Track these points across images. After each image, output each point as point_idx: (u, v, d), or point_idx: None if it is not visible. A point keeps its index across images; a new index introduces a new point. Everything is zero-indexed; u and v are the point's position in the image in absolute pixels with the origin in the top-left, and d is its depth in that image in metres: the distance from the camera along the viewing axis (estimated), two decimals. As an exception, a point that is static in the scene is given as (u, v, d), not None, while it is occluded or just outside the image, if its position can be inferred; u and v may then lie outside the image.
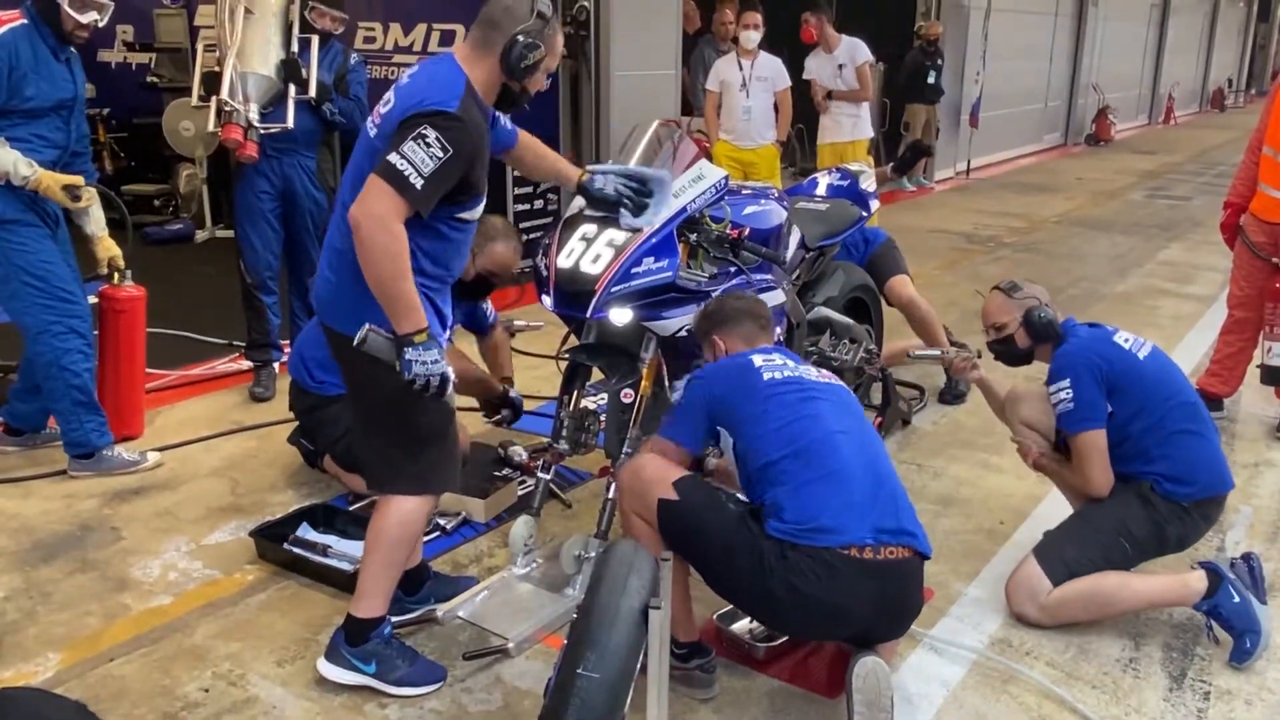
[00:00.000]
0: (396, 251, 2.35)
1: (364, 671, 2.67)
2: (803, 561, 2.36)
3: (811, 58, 7.69)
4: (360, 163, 2.55)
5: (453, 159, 2.38)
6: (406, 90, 2.51)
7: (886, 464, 2.59)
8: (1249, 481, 4.08)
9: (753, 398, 2.60)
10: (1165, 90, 20.52)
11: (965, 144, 12.48)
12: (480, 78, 2.54)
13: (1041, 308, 3.21)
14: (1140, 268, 7.88)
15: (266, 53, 4.53)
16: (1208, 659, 2.92)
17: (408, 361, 2.38)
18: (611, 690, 1.87)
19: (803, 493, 2.43)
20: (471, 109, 2.47)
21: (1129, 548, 3.00)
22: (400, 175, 2.33)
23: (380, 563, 2.67)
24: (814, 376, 2.69)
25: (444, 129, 2.37)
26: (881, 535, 2.41)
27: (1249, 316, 4.54)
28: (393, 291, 2.37)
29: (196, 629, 2.97)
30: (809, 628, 2.61)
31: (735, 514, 2.49)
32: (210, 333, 5.54)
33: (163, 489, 3.86)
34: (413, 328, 2.39)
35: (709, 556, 2.51)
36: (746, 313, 2.92)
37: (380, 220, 2.33)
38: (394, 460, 2.65)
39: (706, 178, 3.16)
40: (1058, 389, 3.04)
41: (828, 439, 2.52)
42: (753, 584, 2.42)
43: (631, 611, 1.95)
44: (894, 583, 2.43)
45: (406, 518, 2.65)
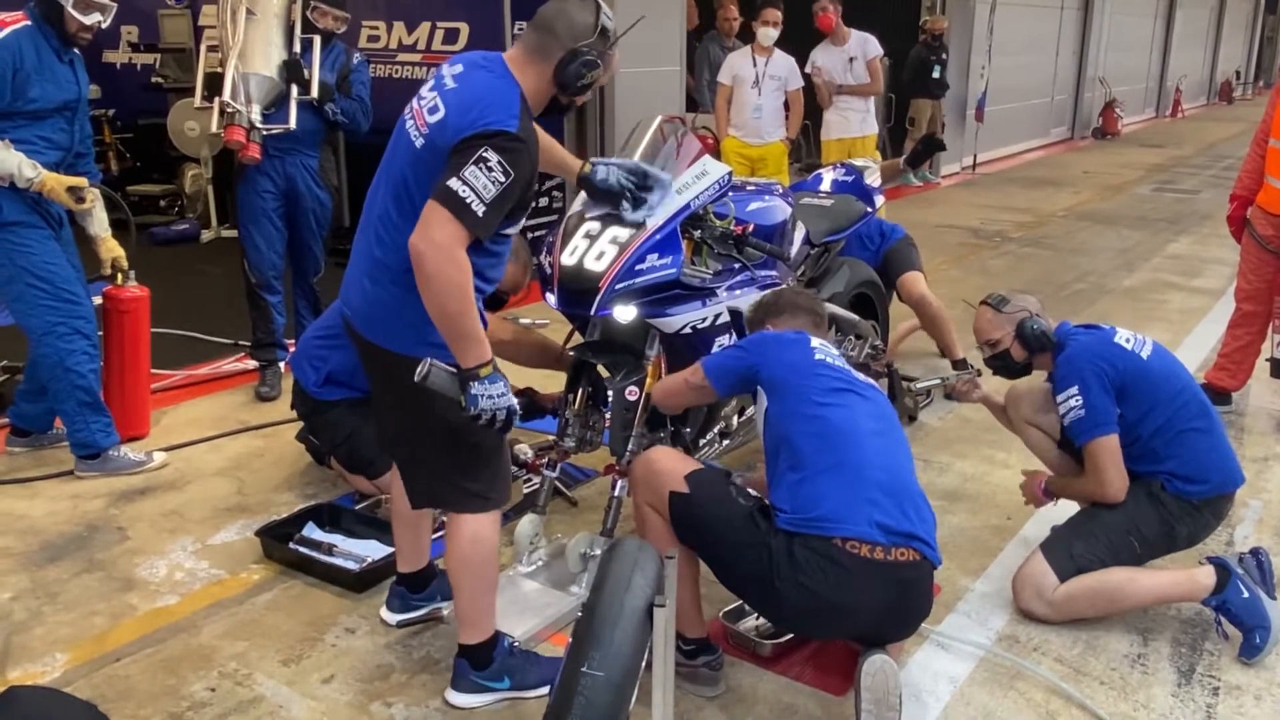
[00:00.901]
0: (462, 283, 2.23)
1: (499, 689, 2.63)
2: (810, 559, 2.35)
3: (819, 50, 7.57)
4: (402, 170, 2.42)
5: (515, 182, 2.27)
6: (460, 101, 2.34)
7: (909, 472, 2.57)
8: (1258, 476, 4.06)
9: (799, 370, 2.62)
10: (1173, 83, 20.44)
11: (971, 139, 12.43)
12: (531, 85, 2.41)
13: (1033, 319, 3.18)
14: (1147, 262, 7.84)
15: (268, 53, 4.53)
16: (1217, 654, 2.90)
17: (474, 396, 2.27)
18: (616, 688, 1.86)
19: (812, 482, 2.43)
20: (528, 124, 2.35)
21: (1138, 546, 2.98)
22: (462, 202, 2.21)
23: (472, 590, 2.58)
24: (860, 375, 2.71)
25: (505, 151, 2.25)
26: (892, 536, 2.39)
27: (1257, 310, 4.51)
28: (459, 327, 2.26)
29: (203, 629, 2.97)
30: (816, 626, 2.60)
31: (745, 509, 2.48)
32: (216, 332, 5.55)
33: (169, 489, 3.87)
34: (477, 361, 2.27)
35: (718, 551, 2.50)
36: (804, 308, 2.94)
37: (446, 251, 2.21)
38: (448, 478, 2.54)
39: (710, 174, 3.14)
40: (1066, 397, 3.00)
41: (854, 432, 2.51)
42: (760, 581, 2.41)
43: (636, 609, 1.94)
44: (902, 585, 2.42)
45: (479, 536, 2.54)
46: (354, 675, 2.76)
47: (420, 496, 2.68)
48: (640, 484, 2.62)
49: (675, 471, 2.55)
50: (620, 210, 2.98)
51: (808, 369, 2.60)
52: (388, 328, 2.47)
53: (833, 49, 7.51)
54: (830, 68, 7.50)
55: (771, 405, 2.59)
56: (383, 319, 2.48)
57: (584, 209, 3.11)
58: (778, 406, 2.58)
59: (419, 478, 2.65)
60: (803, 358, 2.63)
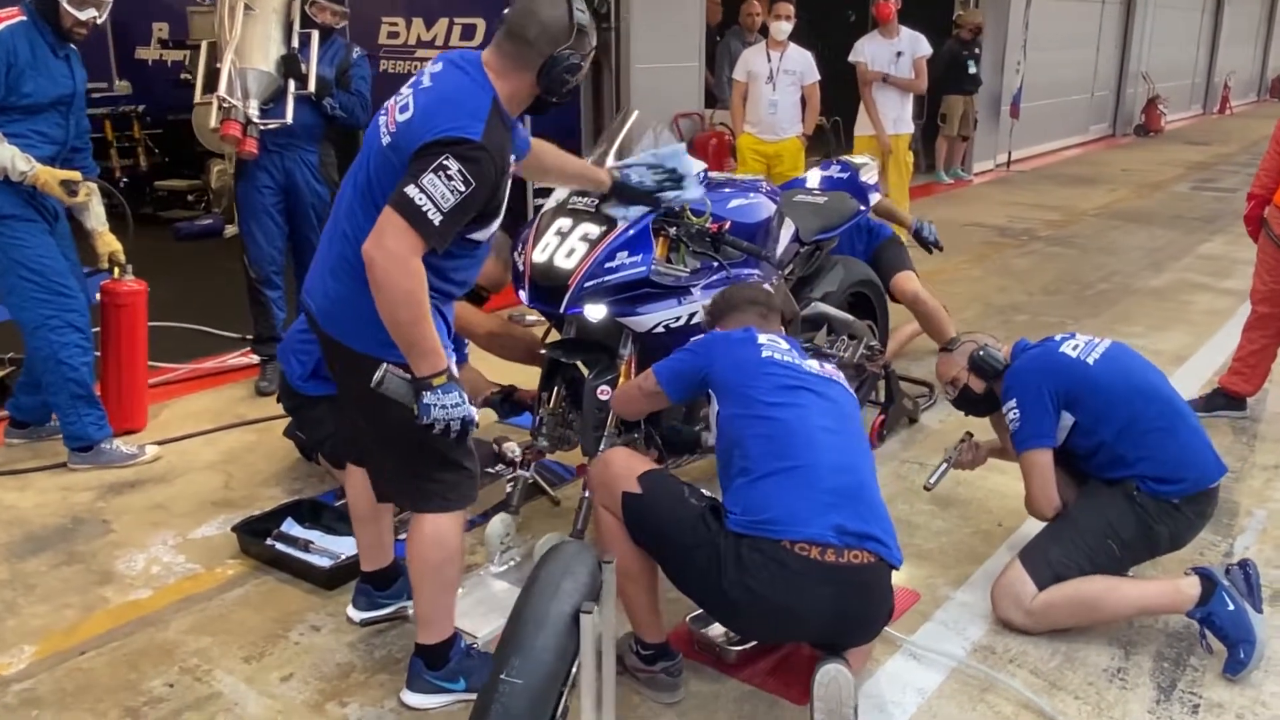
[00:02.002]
0: (416, 293, 2.21)
1: (454, 690, 2.60)
2: (757, 561, 2.30)
3: (866, 40, 7.39)
4: (369, 166, 2.40)
5: (475, 192, 2.23)
6: (429, 102, 2.31)
7: (866, 471, 2.50)
8: (1267, 484, 3.93)
9: (745, 369, 2.56)
10: (1220, 79, 19.95)
11: (1006, 135, 12.22)
12: (511, 91, 2.37)
13: (982, 349, 3.19)
14: (1177, 261, 7.65)
15: (267, 49, 4.54)
16: (1201, 670, 2.80)
17: (426, 405, 2.25)
18: (534, 696, 1.82)
19: (762, 483, 2.38)
20: (496, 130, 2.29)
21: (1116, 549, 2.90)
22: (419, 210, 2.18)
23: (431, 590, 2.54)
24: (815, 370, 2.62)
25: (467, 160, 2.21)
26: (845, 537, 2.33)
27: (1273, 312, 4.37)
28: (411, 335, 2.23)
29: (170, 623, 2.98)
30: (765, 630, 2.55)
31: (696, 510, 2.43)
32: (231, 327, 5.58)
33: (158, 482, 3.89)
34: (431, 370, 2.25)
35: (669, 553, 2.46)
36: (749, 301, 2.87)
37: (399, 260, 2.18)
38: (412, 478, 2.51)
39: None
40: (1007, 409, 3.02)
41: (805, 431, 2.45)
42: (709, 583, 2.37)
43: (562, 615, 1.90)
44: (853, 588, 2.35)
45: (441, 537, 2.51)
46: (313, 673, 2.75)
47: (384, 493, 2.67)
48: (596, 484, 2.58)
49: (630, 472, 2.50)
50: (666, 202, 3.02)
51: (754, 368, 2.54)
52: (348, 325, 2.45)
53: (881, 40, 7.33)
54: (876, 59, 7.31)
55: (721, 408, 2.54)
56: (343, 316, 2.46)
57: (559, 204, 3.08)
58: (727, 409, 2.53)
59: (382, 475, 2.64)
60: (749, 357, 2.57)
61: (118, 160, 9.11)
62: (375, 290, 2.22)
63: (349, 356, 2.46)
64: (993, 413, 3.29)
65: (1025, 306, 6.39)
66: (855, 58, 7.32)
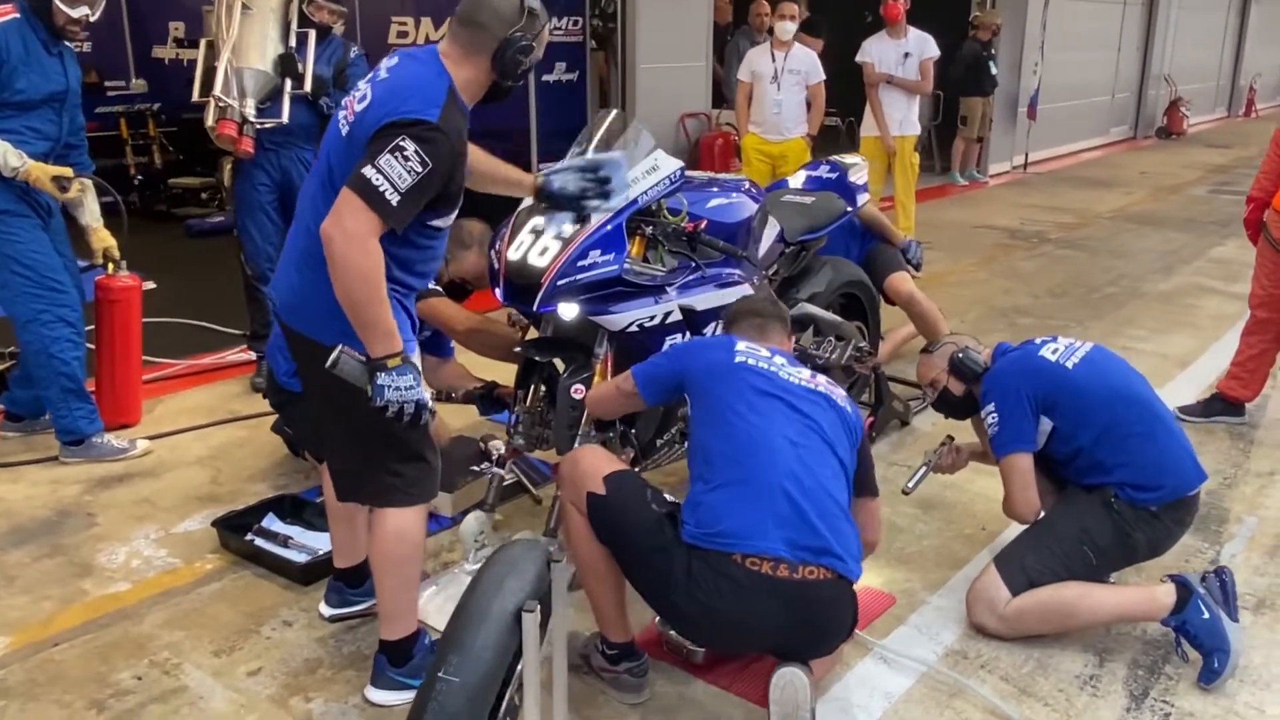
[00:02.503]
0: (371, 273, 2.22)
1: (418, 686, 2.62)
2: (707, 574, 2.28)
3: (874, 40, 7.34)
4: (329, 158, 2.44)
5: (432, 173, 2.25)
6: (385, 91, 2.35)
7: (831, 485, 2.43)
8: (1260, 491, 3.87)
9: (715, 375, 2.55)
10: (1246, 81, 19.71)
11: (1023, 137, 12.12)
12: (467, 78, 2.41)
13: (962, 351, 3.15)
14: (1188, 265, 7.56)
15: (264, 48, 4.55)
16: (1176, 679, 2.76)
17: (380, 387, 2.25)
18: (471, 694, 1.82)
19: (718, 492, 2.36)
20: (453, 115, 2.32)
21: (1093, 556, 2.86)
22: (376, 190, 2.20)
23: (394, 585, 2.54)
24: (794, 379, 2.56)
25: (424, 141, 2.23)
26: (799, 552, 2.29)
27: (1271, 317, 4.31)
28: (367, 315, 2.25)
29: (145, 617, 3.00)
30: (716, 640, 2.54)
31: (656, 516, 2.41)
32: (235, 324, 5.61)
33: (146, 476, 3.92)
34: (386, 352, 2.26)
35: (628, 557, 2.44)
36: (750, 312, 2.86)
37: (356, 239, 2.20)
38: (371, 472, 2.51)
39: (660, 169, 3.08)
40: (986, 413, 2.99)
41: (766, 442, 2.41)
42: (662, 590, 2.36)
43: (504, 614, 1.89)
44: (806, 604, 2.32)
45: (403, 531, 2.51)
46: (281, 668, 2.76)
47: (345, 489, 2.67)
48: (564, 482, 2.57)
49: (596, 472, 2.49)
50: (588, 210, 2.94)
51: (724, 374, 2.51)
52: (309, 315, 2.48)
53: (888, 40, 7.29)
54: (882, 59, 7.28)
55: (693, 412, 2.53)
56: (304, 307, 2.49)
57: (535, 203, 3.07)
58: (696, 413, 2.51)
59: (343, 470, 2.65)
60: (722, 362, 2.54)
61: (132, 158, 9.22)
62: (332, 269, 2.24)
63: (310, 348, 2.47)
64: (972, 415, 3.26)
65: (1030, 309, 6.33)
66: (862, 58, 7.27)
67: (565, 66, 7.38)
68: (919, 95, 7.43)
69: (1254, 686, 2.73)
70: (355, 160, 2.29)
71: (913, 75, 7.23)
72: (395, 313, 2.38)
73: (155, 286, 6.42)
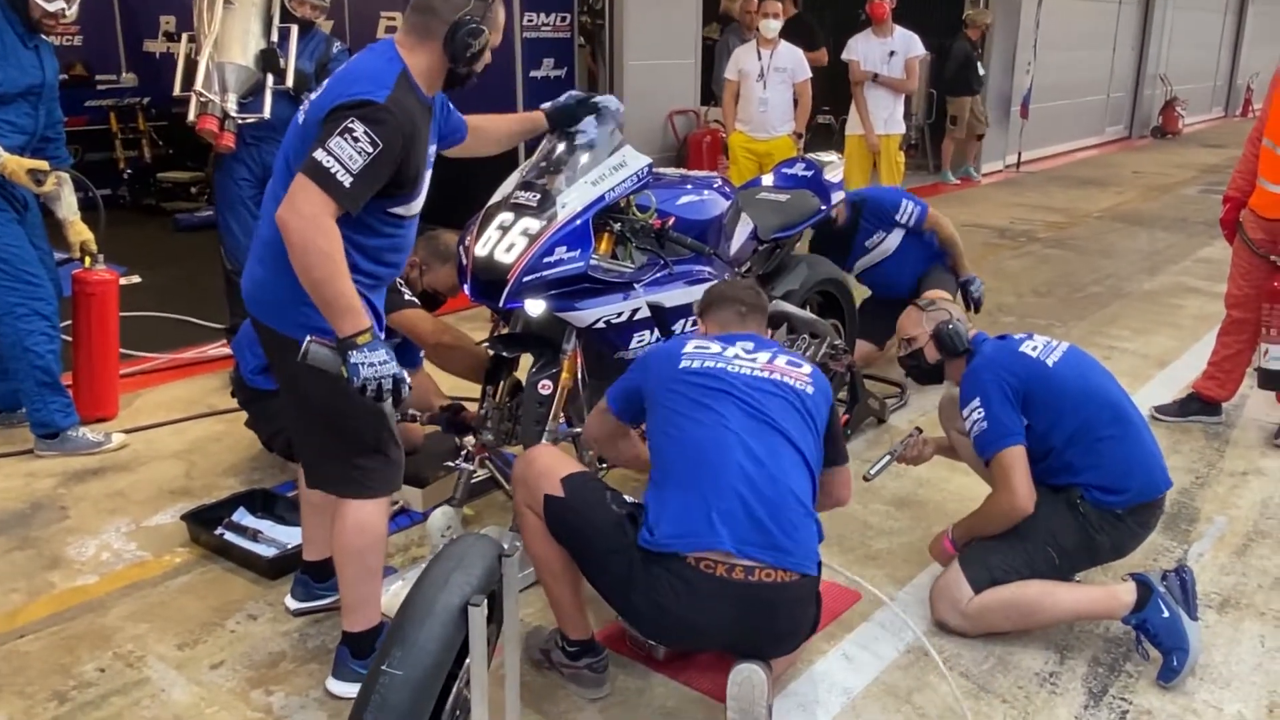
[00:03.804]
0: (330, 250, 2.23)
1: None
2: (663, 577, 2.29)
3: (859, 39, 7.35)
4: (288, 150, 2.47)
5: (383, 153, 2.27)
6: (336, 78, 2.41)
7: (788, 476, 2.41)
8: (1232, 491, 3.88)
9: (663, 378, 2.55)
10: (1244, 81, 19.69)
11: (1015, 136, 12.11)
12: (422, 66, 2.44)
13: (952, 321, 3.13)
14: (1175, 265, 7.57)
15: (246, 43, 4.56)
16: (1135, 676, 2.77)
17: (354, 366, 2.24)
18: (414, 688, 1.82)
19: (672, 495, 2.36)
20: (405, 100, 2.34)
21: (1057, 557, 2.86)
22: (327, 173, 2.22)
23: (354, 576, 2.56)
24: (747, 370, 2.53)
25: (372, 121, 2.25)
26: (750, 550, 2.29)
27: (1247, 317, 4.31)
28: (329, 293, 2.24)
29: (111, 609, 3.01)
30: (674, 639, 2.55)
31: (614, 518, 2.42)
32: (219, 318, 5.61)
33: (121, 470, 3.93)
34: (354, 329, 2.26)
35: (586, 558, 2.45)
36: (727, 298, 2.83)
37: (311, 220, 2.22)
38: (334, 462, 2.54)
39: (628, 165, 3.08)
40: (970, 410, 2.92)
41: (719, 441, 2.40)
42: (620, 591, 2.37)
43: (449, 608, 1.89)
44: (762, 606, 2.32)
45: (363, 523, 2.53)
46: (244, 662, 2.77)
47: (313, 479, 2.69)
48: (519, 483, 2.57)
49: (553, 473, 2.49)
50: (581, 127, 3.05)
51: (671, 379, 2.51)
52: (274, 308, 2.49)
53: (874, 39, 7.29)
54: (868, 57, 7.28)
55: (648, 421, 2.54)
56: (269, 299, 2.50)
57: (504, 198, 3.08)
58: (650, 422, 2.52)
59: (310, 460, 2.68)
60: (670, 367, 2.54)
61: (122, 152, 9.23)
62: (291, 253, 2.25)
63: (277, 340, 2.49)
64: (931, 383, 3.26)
65: (1013, 308, 6.34)
66: (847, 56, 7.28)
67: (553, 63, 7.38)
68: (904, 94, 7.43)
69: (1213, 684, 2.74)
70: (308, 147, 2.31)
71: (898, 74, 7.23)
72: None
73: (140, 280, 6.46)
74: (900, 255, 4.95)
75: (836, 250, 4.94)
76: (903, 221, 4.88)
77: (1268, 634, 2.97)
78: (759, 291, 2.96)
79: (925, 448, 3.33)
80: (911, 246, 4.95)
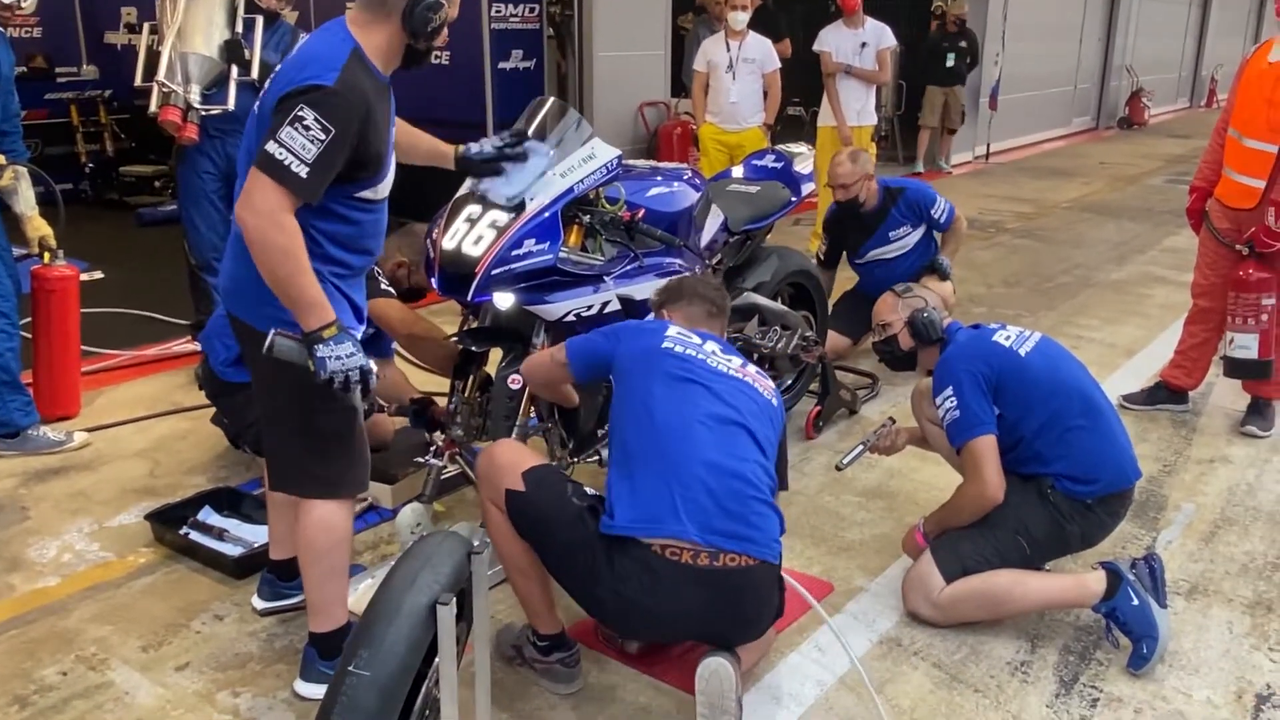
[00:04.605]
0: (290, 247, 2.19)
1: None
2: (626, 566, 2.28)
3: (830, 30, 7.30)
4: (247, 146, 2.40)
5: (337, 139, 2.20)
6: (287, 63, 2.33)
7: (750, 467, 2.41)
8: (1199, 479, 3.91)
9: (638, 359, 2.53)
10: (1208, 73, 19.90)
11: (984, 128, 12.17)
12: (378, 43, 2.35)
13: (927, 309, 3.13)
14: (1142, 254, 7.63)
15: (210, 33, 4.48)
16: (1106, 664, 2.78)
17: (321, 359, 2.22)
18: (381, 689, 1.79)
19: (632, 479, 2.35)
20: (357, 79, 2.26)
21: (1027, 546, 2.87)
22: (280, 165, 2.16)
23: (320, 575, 2.51)
24: (722, 366, 2.54)
25: (322, 106, 2.18)
26: (714, 536, 2.29)
27: (1213, 306, 4.34)
28: (292, 289, 2.22)
29: (74, 611, 2.95)
30: (641, 632, 2.54)
31: (576, 510, 2.40)
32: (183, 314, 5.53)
33: (83, 469, 3.86)
34: (319, 323, 2.23)
35: (549, 553, 2.42)
36: (699, 295, 2.82)
37: (269, 217, 2.17)
38: (299, 462, 2.50)
39: (597, 157, 3.06)
40: (943, 399, 2.92)
41: (683, 427, 2.40)
42: (584, 585, 2.35)
43: (417, 607, 1.87)
44: (725, 592, 2.31)
45: (328, 522, 2.49)
46: (210, 663, 2.73)
47: (277, 479, 2.64)
48: (482, 479, 2.54)
49: (514, 467, 2.46)
50: (492, 185, 2.94)
51: (648, 358, 2.50)
52: (244, 301, 2.45)
53: (845, 30, 7.24)
54: (839, 49, 7.25)
55: (614, 398, 2.51)
56: (239, 292, 2.46)
57: (471, 189, 3.04)
58: (616, 399, 2.50)
59: (277, 460, 2.62)
60: (650, 346, 2.53)
61: (83, 145, 9.07)
62: (251, 250, 2.22)
63: (249, 334, 2.45)
64: (904, 369, 3.27)
65: (983, 299, 6.37)
66: (819, 47, 7.26)
67: (522, 55, 7.32)
68: (876, 85, 7.43)
69: (1182, 671, 2.76)
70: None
71: (870, 65, 7.23)
72: (333, 298, 2.35)
73: (103, 276, 6.36)
74: (911, 253, 5.01)
75: (856, 233, 5.00)
76: (936, 217, 4.96)
77: (1235, 620, 3.00)
78: (725, 294, 2.95)
79: (898, 438, 3.33)
80: (921, 245, 5.03)
